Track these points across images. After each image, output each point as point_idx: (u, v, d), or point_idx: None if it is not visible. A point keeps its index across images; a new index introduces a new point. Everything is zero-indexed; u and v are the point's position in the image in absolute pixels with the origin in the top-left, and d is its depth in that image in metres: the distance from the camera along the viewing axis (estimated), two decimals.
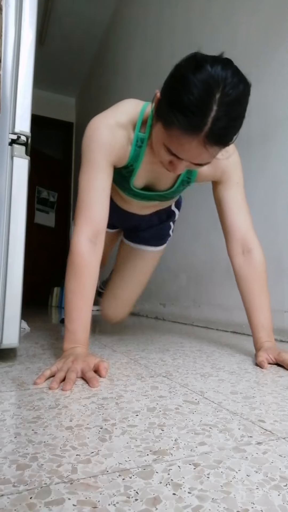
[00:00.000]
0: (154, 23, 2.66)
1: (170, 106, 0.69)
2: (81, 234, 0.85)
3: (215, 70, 0.65)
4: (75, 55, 4.15)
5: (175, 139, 0.71)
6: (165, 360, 0.95)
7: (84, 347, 0.81)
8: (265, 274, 0.99)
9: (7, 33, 0.89)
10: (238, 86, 0.66)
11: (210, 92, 0.65)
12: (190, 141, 0.69)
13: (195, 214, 2.10)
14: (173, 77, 0.71)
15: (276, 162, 1.49)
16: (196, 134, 0.68)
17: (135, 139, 0.90)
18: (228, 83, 0.65)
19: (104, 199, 0.88)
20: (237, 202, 1.00)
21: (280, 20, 1.48)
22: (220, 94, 0.65)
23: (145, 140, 0.90)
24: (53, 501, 0.32)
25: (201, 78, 0.65)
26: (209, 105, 0.65)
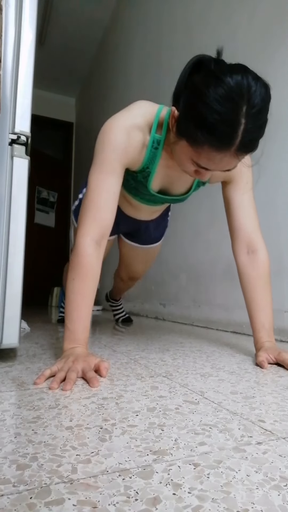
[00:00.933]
0: (154, 23, 2.66)
1: (196, 126, 0.69)
2: (87, 236, 0.84)
3: (236, 81, 0.64)
4: (75, 55, 4.15)
5: (205, 155, 0.72)
6: (165, 360, 0.95)
7: (84, 347, 0.81)
8: (269, 274, 0.99)
9: (7, 33, 0.89)
10: (261, 92, 0.66)
11: (236, 106, 0.64)
12: (222, 156, 0.70)
13: (195, 214, 2.10)
14: (191, 94, 0.70)
15: (277, 161, 1.49)
16: (227, 150, 0.69)
17: (151, 140, 0.89)
18: (252, 93, 0.65)
19: (113, 202, 0.87)
20: (245, 202, 1.00)
21: (280, 19, 1.49)
22: (246, 106, 0.65)
23: (162, 142, 0.90)
24: (53, 501, 0.32)
25: (224, 93, 0.64)
26: (237, 120, 0.65)
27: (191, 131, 0.71)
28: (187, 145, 0.74)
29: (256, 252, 0.99)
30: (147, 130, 0.89)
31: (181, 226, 2.23)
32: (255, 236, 1.00)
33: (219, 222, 1.89)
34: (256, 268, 0.98)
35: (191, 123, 0.70)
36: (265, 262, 0.99)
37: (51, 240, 4.50)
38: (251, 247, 1.00)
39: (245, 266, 1.00)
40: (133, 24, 3.07)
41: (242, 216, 1.00)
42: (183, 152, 0.77)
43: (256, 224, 1.01)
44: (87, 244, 0.84)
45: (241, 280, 1.01)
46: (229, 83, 0.64)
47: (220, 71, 0.66)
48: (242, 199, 1.00)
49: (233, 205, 1.01)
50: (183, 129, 0.74)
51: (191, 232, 2.15)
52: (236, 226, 1.01)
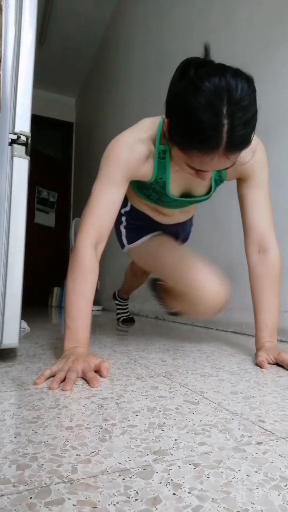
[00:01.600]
0: (154, 23, 2.66)
1: (182, 135, 0.71)
2: (86, 239, 0.87)
3: (213, 84, 0.65)
4: (75, 55, 4.15)
5: (196, 159, 0.73)
6: (165, 360, 0.95)
7: (85, 347, 0.81)
8: (279, 274, 0.99)
9: (7, 33, 0.89)
10: (242, 88, 0.66)
11: (217, 109, 0.65)
12: (211, 158, 0.71)
13: (196, 214, 2.10)
14: (175, 105, 0.71)
15: (278, 161, 1.49)
16: (215, 151, 0.69)
17: (156, 151, 0.92)
18: (231, 91, 0.65)
19: (112, 211, 0.90)
20: (259, 200, 1.00)
21: (281, 19, 1.49)
22: (227, 106, 0.65)
23: (167, 151, 0.92)
24: (53, 501, 0.32)
25: (203, 100, 0.65)
26: (220, 122, 0.66)
27: (179, 139, 0.73)
28: (178, 151, 0.76)
29: (267, 251, 0.99)
30: (151, 142, 0.92)
31: None
32: (267, 235, 1.00)
33: (220, 223, 1.89)
34: (265, 268, 0.98)
35: (177, 133, 0.72)
36: (276, 262, 0.99)
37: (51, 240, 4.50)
38: (262, 246, 1.00)
39: (255, 265, 1.00)
40: (133, 24, 3.07)
41: (255, 214, 1.00)
42: (178, 157, 0.79)
43: (270, 223, 1.01)
44: (86, 246, 0.87)
45: (250, 279, 1.01)
46: (207, 89, 0.65)
47: (198, 78, 0.66)
48: (256, 197, 1.00)
49: (247, 203, 1.01)
50: (173, 137, 0.76)
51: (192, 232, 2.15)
52: (249, 224, 1.01)
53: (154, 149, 0.92)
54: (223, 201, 1.83)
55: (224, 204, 1.83)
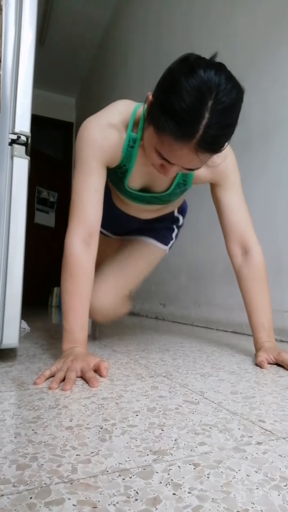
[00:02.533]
0: (154, 23, 2.66)
1: (162, 111, 0.68)
2: (74, 236, 0.86)
3: (208, 76, 0.64)
4: (75, 55, 4.15)
5: (167, 144, 0.71)
6: (165, 360, 0.95)
7: (83, 347, 0.81)
8: (265, 273, 0.99)
9: (7, 33, 0.89)
10: (231, 92, 0.65)
11: (203, 99, 0.64)
12: (181, 147, 0.69)
13: (195, 214, 2.10)
14: (165, 80, 0.70)
15: (277, 162, 1.49)
16: (187, 142, 0.67)
17: (127, 139, 0.89)
18: (221, 90, 0.65)
19: (96, 200, 0.88)
20: (234, 202, 1.00)
21: (280, 19, 1.48)
22: (212, 101, 0.64)
23: (137, 141, 0.90)
24: (53, 501, 0.32)
25: (194, 84, 0.64)
26: (201, 112, 0.65)
27: (157, 116, 0.70)
28: (153, 131, 0.74)
29: (250, 251, 0.99)
30: (122, 128, 0.89)
31: None
32: (248, 235, 1.00)
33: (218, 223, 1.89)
34: (252, 269, 0.98)
35: (158, 108, 0.70)
36: (261, 261, 0.99)
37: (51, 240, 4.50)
38: (245, 247, 1.00)
39: (241, 268, 1.00)
40: (133, 25, 3.07)
41: (233, 216, 1.00)
42: (149, 140, 0.77)
43: (248, 222, 1.01)
44: (74, 244, 0.86)
45: (239, 282, 1.01)
46: (200, 76, 0.64)
47: (196, 64, 0.66)
48: (231, 200, 1.00)
49: (223, 207, 1.01)
50: (152, 114, 0.74)
51: (191, 232, 2.15)
52: (228, 227, 1.01)
53: (125, 135, 0.89)
54: None
55: None
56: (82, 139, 0.88)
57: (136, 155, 0.91)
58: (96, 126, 0.87)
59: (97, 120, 0.88)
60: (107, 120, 0.87)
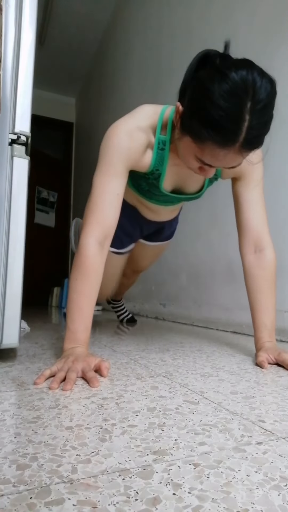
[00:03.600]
0: (154, 23, 2.66)
1: (200, 122, 0.68)
2: (90, 236, 0.85)
3: (240, 77, 0.64)
4: (75, 55, 4.15)
5: (209, 152, 0.71)
6: (165, 360, 0.95)
7: (85, 347, 0.81)
8: (275, 274, 0.99)
9: (7, 33, 0.89)
10: (266, 88, 0.65)
11: (241, 102, 0.64)
12: (226, 153, 0.69)
13: (196, 214, 2.10)
14: (195, 90, 0.69)
15: (279, 160, 1.49)
16: (231, 146, 0.68)
17: (156, 142, 0.89)
18: (257, 89, 0.64)
19: (116, 204, 0.88)
20: (254, 200, 0.99)
21: (281, 19, 1.48)
22: (251, 102, 0.64)
23: (167, 143, 0.90)
24: (53, 501, 0.32)
25: (228, 88, 0.63)
26: (241, 116, 0.64)
27: (195, 127, 0.70)
28: (191, 141, 0.74)
29: (263, 251, 0.98)
30: (150, 131, 0.89)
31: (181, 226, 2.23)
32: (263, 234, 0.99)
33: (220, 222, 1.89)
34: (262, 268, 0.98)
35: (195, 119, 0.69)
36: (272, 262, 0.98)
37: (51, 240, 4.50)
38: (258, 246, 0.99)
39: (251, 266, 0.99)
40: (133, 24, 3.07)
41: (250, 213, 0.99)
42: (186, 149, 0.77)
43: (265, 222, 1.00)
44: (90, 245, 0.85)
45: (247, 279, 1.01)
46: (233, 79, 0.63)
47: (225, 66, 0.65)
48: (251, 196, 0.99)
49: (242, 202, 1.00)
50: (187, 125, 0.73)
51: (192, 232, 2.15)
52: (244, 224, 1.00)
53: (154, 139, 0.89)
54: (222, 200, 1.83)
55: (223, 204, 1.83)
56: (109, 142, 0.88)
57: (167, 157, 0.92)
58: (125, 130, 0.87)
59: (125, 125, 0.88)
60: (135, 123, 0.87)
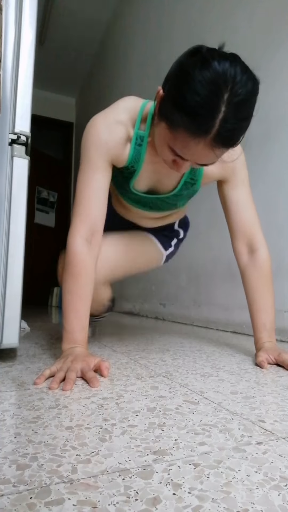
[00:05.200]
0: (154, 23, 2.66)
1: (175, 106, 0.66)
2: (76, 234, 0.85)
3: (223, 67, 0.62)
4: (75, 55, 4.15)
5: (180, 140, 0.69)
6: (165, 360, 0.95)
7: (83, 347, 0.81)
8: (270, 273, 0.99)
9: (7, 33, 0.89)
10: (247, 84, 0.64)
11: (219, 92, 0.62)
12: (197, 143, 0.67)
13: (195, 214, 2.10)
14: (177, 74, 0.68)
15: (278, 162, 1.49)
16: (203, 137, 0.66)
17: (134, 137, 0.87)
18: (237, 82, 0.63)
19: (101, 198, 0.87)
20: (242, 200, 0.98)
21: (281, 19, 1.48)
22: (228, 93, 0.63)
23: (145, 138, 0.88)
24: (53, 501, 0.32)
25: (208, 76, 0.62)
26: (217, 106, 0.63)
27: (170, 112, 0.69)
28: (165, 127, 0.72)
29: (257, 251, 0.98)
30: (130, 125, 0.87)
31: None
32: (255, 234, 0.99)
33: (219, 222, 1.89)
34: (257, 268, 0.98)
35: (171, 103, 0.68)
36: (267, 261, 0.98)
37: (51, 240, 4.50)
38: (251, 246, 0.99)
39: (246, 267, 0.99)
40: (133, 24, 3.07)
41: (240, 214, 0.99)
42: (161, 136, 0.75)
43: (256, 221, 0.99)
44: (77, 243, 0.84)
45: (243, 281, 1.01)
46: (215, 68, 0.62)
47: (210, 56, 0.64)
48: (238, 197, 0.98)
49: (231, 204, 0.99)
50: (164, 109, 0.72)
51: (191, 232, 2.14)
52: (235, 226, 1.00)
53: (132, 132, 0.87)
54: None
55: None
56: (88, 137, 0.87)
57: (144, 154, 0.89)
58: (103, 123, 0.86)
59: (104, 117, 0.86)
60: (114, 117, 0.86)
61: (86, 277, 0.84)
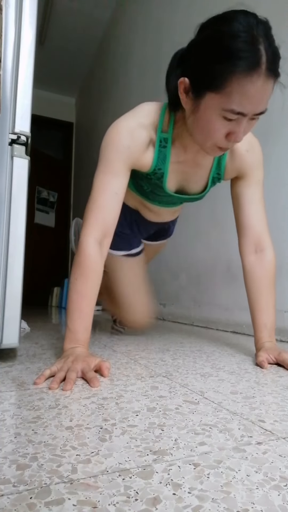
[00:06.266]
0: (154, 23, 2.66)
1: (220, 61, 0.68)
2: (89, 236, 0.85)
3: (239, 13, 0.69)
4: (75, 55, 4.15)
5: (237, 90, 0.69)
6: (165, 360, 0.95)
7: (85, 347, 0.81)
8: (274, 274, 0.99)
9: (7, 33, 0.89)
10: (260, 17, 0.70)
11: (250, 28, 0.67)
12: (255, 81, 0.68)
13: (195, 214, 2.10)
14: (204, 45, 0.71)
15: (279, 161, 1.49)
16: (258, 70, 0.67)
17: (158, 139, 0.89)
18: (255, 15, 0.69)
19: (116, 203, 0.88)
20: (255, 200, 0.99)
21: (280, 20, 1.48)
22: (256, 27, 0.68)
23: (169, 140, 0.89)
24: (53, 501, 0.32)
25: (236, 26, 0.67)
26: (257, 39, 0.67)
27: (214, 72, 0.70)
28: (212, 95, 0.71)
29: (264, 251, 0.98)
30: (152, 128, 0.88)
31: (181, 226, 2.23)
32: (263, 234, 0.99)
33: (220, 222, 1.89)
34: (263, 268, 0.98)
35: (210, 66, 0.70)
36: (272, 262, 0.99)
37: (51, 240, 4.50)
38: (259, 246, 0.99)
39: (252, 266, 0.99)
40: (133, 24, 3.07)
41: (251, 213, 0.99)
42: (210, 110, 0.74)
43: (265, 222, 1.00)
44: (89, 244, 0.85)
45: (246, 279, 1.01)
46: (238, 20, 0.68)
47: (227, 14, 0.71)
48: (252, 196, 0.98)
49: (243, 202, 0.99)
50: (202, 81, 0.73)
51: (192, 232, 2.15)
52: (245, 224, 1.00)
53: (155, 136, 0.89)
54: (222, 200, 1.83)
55: (223, 204, 1.83)
56: (109, 141, 0.87)
57: (169, 154, 0.90)
58: (125, 128, 0.86)
59: (126, 121, 0.87)
60: (136, 121, 0.87)
61: (95, 279, 0.84)
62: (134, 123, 0.87)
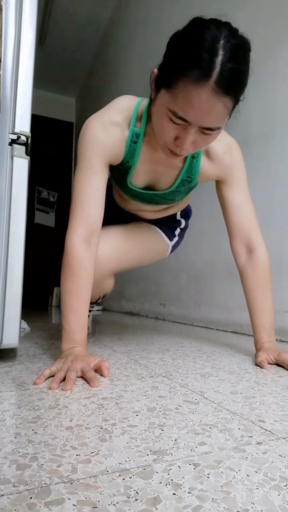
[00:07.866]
0: (154, 22, 2.66)
1: (174, 62, 0.66)
2: (74, 234, 0.85)
3: (213, 23, 0.66)
4: (75, 55, 4.15)
5: (182, 95, 0.66)
6: (165, 360, 0.95)
7: (83, 347, 0.81)
8: (269, 273, 0.99)
9: (7, 33, 0.89)
10: (239, 35, 0.67)
11: (215, 38, 0.63)
12: (199, 92, 0.64)
13: (196, 214, 2.09)
14: (172, 42, 0.70)
15: (276, 160, 1.49)
16: (205, 81, 0.63)
17: (130, 134, 0.88)
18: (231, 30, 0.65)
19: (98, 198, 0.88)
20: (240, 200, 0.98)
21: (280, 18, 1.48)
22: (223, 40, 0.63)
23: (141, 135, 0.88)
24: (53, 501, 0.32)
25: (202, 30, 0.64)
26: (214, 49, 0.63)
27: (166, 71, 0.69)
28: (164, 92, 0.70)
29: (255, 251, 0.98)
30: (125, 125, 0.88)
31: None
32: (253, 234, 0.99)
33: (220, 222, 1.89)
34: (256, 268, 0.98)
35: (166, 64, 0.69)
36: (265, 261, 0.98)
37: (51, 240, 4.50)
38: (250, 246, 0.99)
39: (244, 267, 1.00)
40: (133, 24, 3.06)
41: (238, 214, 0.99)
42: (160, 107, 0.72)
43: (254, 221, 0.99)
44: (75, 243, 0.85)
45: (242, 281, 1.01)
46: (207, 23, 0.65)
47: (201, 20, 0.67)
48: (237, 197, 0.98)
49: (229, 204, 0.99)
50: (162, 75, 0.71)
51: (191, 232, 2.14)
52: (233, 225, 1.00)
53: (128, 132, 0.88)
54: None
55: None
56: (84, 138, 0.87)
57: (140, 150, 0.90)
58: (99, 125, 0.86)
59: (100, 118, 0.87)
60: (110, 118, 0.87)
61: (85, 277, 0.84)
62: (107, 119, 0.87)
